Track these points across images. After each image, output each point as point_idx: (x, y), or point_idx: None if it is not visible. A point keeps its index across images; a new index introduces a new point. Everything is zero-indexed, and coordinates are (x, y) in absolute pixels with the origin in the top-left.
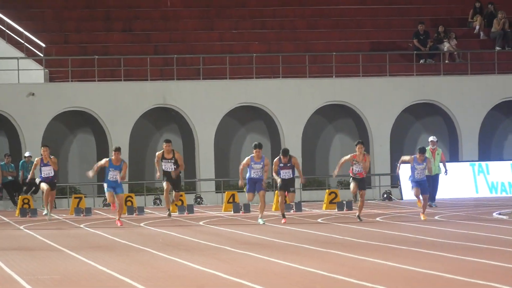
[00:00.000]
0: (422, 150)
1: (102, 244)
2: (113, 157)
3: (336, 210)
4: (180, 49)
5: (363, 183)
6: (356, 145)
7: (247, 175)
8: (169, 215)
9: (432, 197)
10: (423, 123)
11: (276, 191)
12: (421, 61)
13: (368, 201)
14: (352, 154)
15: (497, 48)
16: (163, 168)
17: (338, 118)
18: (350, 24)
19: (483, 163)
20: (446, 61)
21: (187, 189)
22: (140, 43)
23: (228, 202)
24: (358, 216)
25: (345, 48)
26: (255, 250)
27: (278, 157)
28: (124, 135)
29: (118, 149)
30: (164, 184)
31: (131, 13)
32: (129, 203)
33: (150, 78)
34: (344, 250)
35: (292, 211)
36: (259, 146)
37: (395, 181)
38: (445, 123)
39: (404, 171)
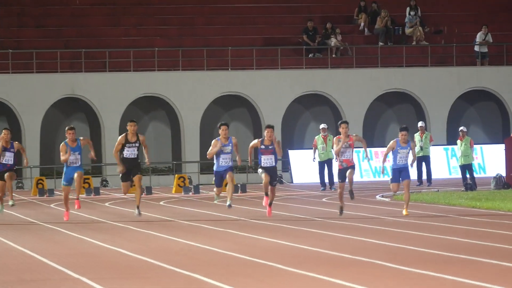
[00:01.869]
0: (404, 128)
1: (16, 223)
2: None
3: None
4: (88, 44)
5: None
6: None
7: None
8: (139, 213)
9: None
10: (312, 113)
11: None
12: (310, 55)
13: (260, 185)
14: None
15: (380, 43)
16: (124, 155)
17: (234, 108)
18: (245, 20)
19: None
20: (333, 55)
21: (94, 173)
22: (51, 38)
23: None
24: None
25: (240, 43)
26: (157, 229)
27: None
28: (36, 123)
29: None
30: (123, 186)
31: (43, 10)
32: (40, 186)
33: (60, 70)
34: (239, 230)
35: (190, 193)
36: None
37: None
38: (332, 113)
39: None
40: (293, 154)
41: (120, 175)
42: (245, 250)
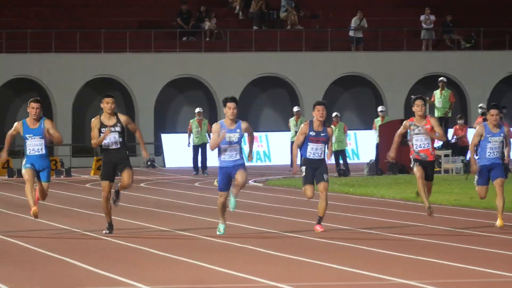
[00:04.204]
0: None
1: None
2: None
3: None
4: None
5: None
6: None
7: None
8: (110, 228)
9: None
10: (185, 96)
11: None
12: (184, 38)
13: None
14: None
15: (255, 27)
16: (103, 143)
17: (106, 90)
18: (120, 2)
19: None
20: (207, 39)
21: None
22: None
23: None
24: None
25: (114, 25)
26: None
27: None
28: None
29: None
30: (104, 187)
31: None
32: None
33: None
34: (113, 214)
35: (62, 176)
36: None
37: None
38: (206, 97)
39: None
40: (165, 138)
41: (100, 172)
42: (116, 234)
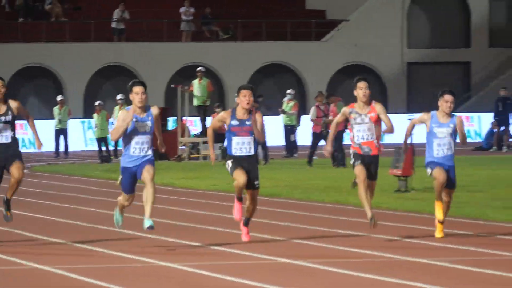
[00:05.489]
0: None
1: None
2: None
3: None
4: None
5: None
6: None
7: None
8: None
9: (66, 151)
10: (34, 85)
11: None
12: None
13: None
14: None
15: (21, 19)
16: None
17: None
18: None
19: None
20: None
21: None
22: None
23: None
24: None
25: None
26: None
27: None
28: None
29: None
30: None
31: None
32: None
33: None
34: None
35: None
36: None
37: None
38: (56, 87)
39: None
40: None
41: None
42: None
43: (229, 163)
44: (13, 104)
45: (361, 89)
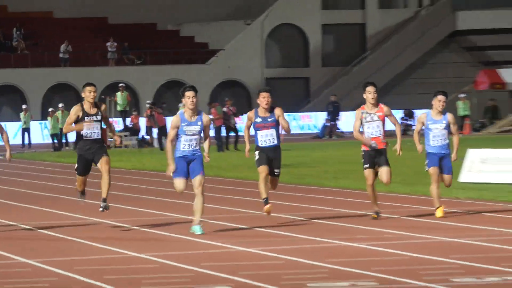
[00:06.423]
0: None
1: None
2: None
3: None
4: None
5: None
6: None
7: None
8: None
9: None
10: (7, 98)
11: None
12: None
13: None
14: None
15: None
16: (84, 134)
17: None
18: None
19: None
20: None
21: None
22: None
23: None
24: None
25: None
26: None
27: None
28: None
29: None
30: (79, 182)
31: None
32: None
33: None
34: None
35: None
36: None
37: None
38: (21, 98)
39: None
40: None
41: (76, 166)
42: None
43: (256, 154)
44: (103, 107)
45: (369, 93)
